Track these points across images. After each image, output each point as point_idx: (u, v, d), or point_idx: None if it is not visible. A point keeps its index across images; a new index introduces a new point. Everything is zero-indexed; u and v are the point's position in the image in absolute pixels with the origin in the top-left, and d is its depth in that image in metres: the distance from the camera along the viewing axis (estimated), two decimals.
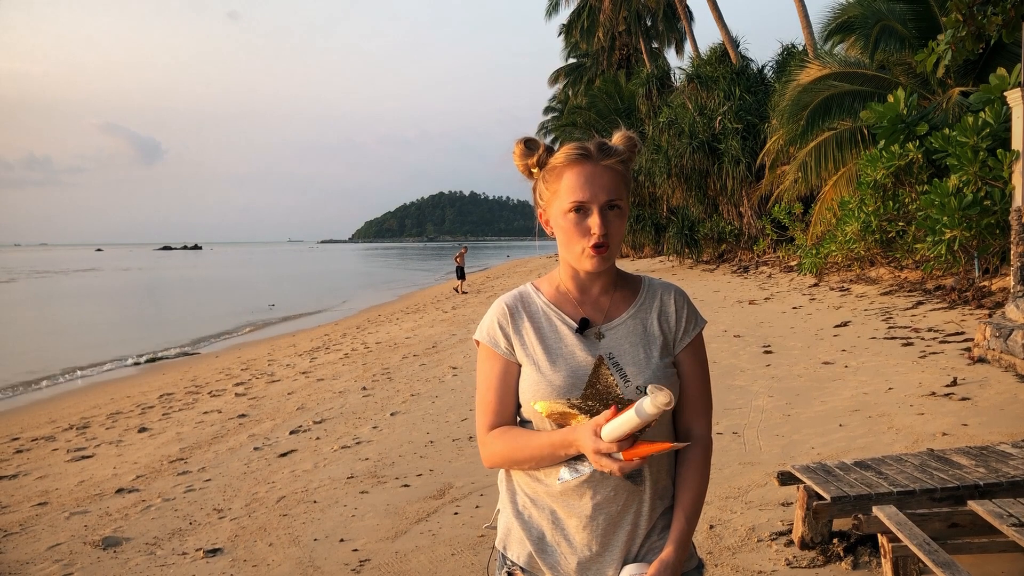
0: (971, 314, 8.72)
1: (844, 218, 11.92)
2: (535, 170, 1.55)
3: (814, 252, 13.63)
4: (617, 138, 1.54)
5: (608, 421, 1.36)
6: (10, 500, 5.68)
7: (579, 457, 1.49)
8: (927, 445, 4.52)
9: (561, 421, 1.49)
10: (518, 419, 1.58)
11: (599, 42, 36.76)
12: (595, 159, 1.48)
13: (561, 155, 1.50)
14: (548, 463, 1.50)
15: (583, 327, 1.52)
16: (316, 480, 5.34)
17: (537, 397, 1.50)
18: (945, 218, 9.24)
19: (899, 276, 12.31)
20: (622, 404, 1.43)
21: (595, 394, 1.48)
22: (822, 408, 5.81)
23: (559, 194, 1.50)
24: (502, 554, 1.60)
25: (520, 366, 1.55)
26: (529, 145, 1.55)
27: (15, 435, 8.24)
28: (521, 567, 1.56)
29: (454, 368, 9.45)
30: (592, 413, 1.47)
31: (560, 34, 40.19)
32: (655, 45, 37.10)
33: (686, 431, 1.59)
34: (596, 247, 1.47)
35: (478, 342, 1.60)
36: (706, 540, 3.69)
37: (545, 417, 1.50)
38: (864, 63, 14.15)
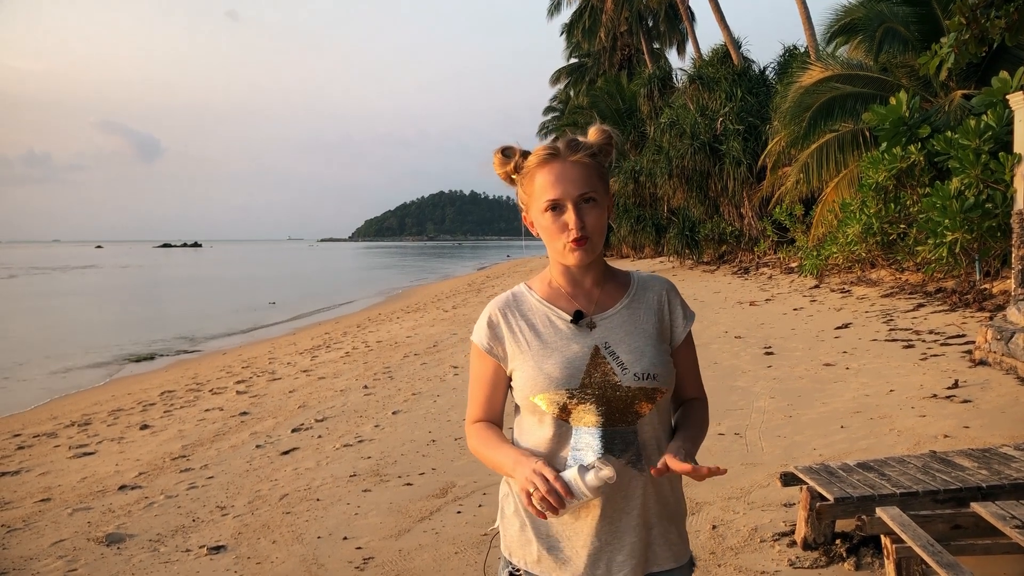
0: (972, 317, 8.73)
1: (845, 220, 11.93)
2: (514, 176, 1.60)
3: (815, 254, 13.64)
4: (591, 132, 1.58)
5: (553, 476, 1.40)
6: (13, 496, 5.68)
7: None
8: (929, 447, 4.53)
9: (563, 416, 1.52)
10: (518, 415, 1.62)
11: (601, 42, 36.71)
12: (563, 156, 1.52)
13: (533, 157, 1.56)
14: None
15: (578, 318, 1.56)
16: (319, 478, 5.35)
17: (537, 391, 1.53)
18: (946, 221, 9.25)
19: (900, 278, 12.32)
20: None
21: (592, 383, 1.51)
22: (824, 409, 5.82)
23: (535, 195, 1.55)
24: (507, 559, 1.61)
25: (509, 374, 1.60)
26: (505, 153, 1.60)
27: (17, 431, 8.25)
28: (527, 571, 1.57)
29: (455, 367, 9.46)
30: (591, 402, 1.50)
31: (562, 34, 40.06)
32: (657, 46, 37.03)
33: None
34: (576, 241, 1.52)
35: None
36: (709, 540, 3.70)
37: (546, 411, 1.53)
38: (866, 65, 14.14)
